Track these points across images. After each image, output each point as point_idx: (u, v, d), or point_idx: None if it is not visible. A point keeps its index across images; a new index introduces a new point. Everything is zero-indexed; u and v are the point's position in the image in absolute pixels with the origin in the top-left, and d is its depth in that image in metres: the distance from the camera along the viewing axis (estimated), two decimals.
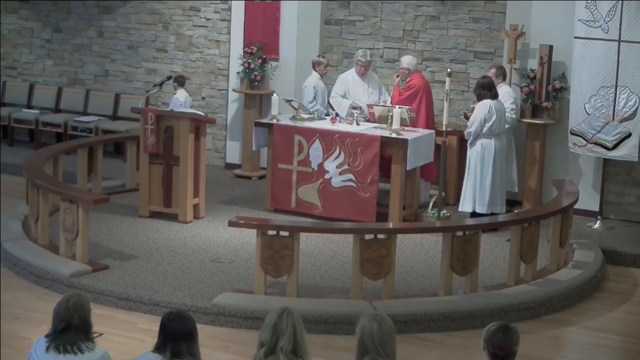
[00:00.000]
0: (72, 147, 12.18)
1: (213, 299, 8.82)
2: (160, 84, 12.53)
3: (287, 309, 4.94)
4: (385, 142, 11.09)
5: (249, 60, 13.40)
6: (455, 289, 9.18)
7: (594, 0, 11.20)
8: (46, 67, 15.39)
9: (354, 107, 11.76)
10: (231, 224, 9.15)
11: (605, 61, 11.23)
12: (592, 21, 11.26)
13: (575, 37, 11.43)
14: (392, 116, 11.20)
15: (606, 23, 11.16)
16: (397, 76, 12.08)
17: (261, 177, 13.04)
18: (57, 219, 10.09)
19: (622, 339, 8.87)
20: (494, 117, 10.90)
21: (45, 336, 5.17)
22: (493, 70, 11.72)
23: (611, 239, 11.24)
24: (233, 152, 13.96)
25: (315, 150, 11.37)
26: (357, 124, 11.56)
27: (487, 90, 10.98)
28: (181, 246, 10.36)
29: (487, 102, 10.94)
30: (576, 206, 10.33)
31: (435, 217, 11.29)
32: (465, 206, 11.07)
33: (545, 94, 11.88)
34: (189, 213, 11.13)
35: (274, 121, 11.68)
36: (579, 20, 11.35)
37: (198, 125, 11.20)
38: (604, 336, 8.80)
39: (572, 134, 11.58)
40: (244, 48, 13.52)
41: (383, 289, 8.96)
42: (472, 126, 10.98)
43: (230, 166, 13.90)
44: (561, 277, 9.73)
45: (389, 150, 11.12)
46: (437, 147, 11.66)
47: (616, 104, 11.25)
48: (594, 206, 11.78)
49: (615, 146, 11.33)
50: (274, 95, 12.04)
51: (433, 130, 11.62)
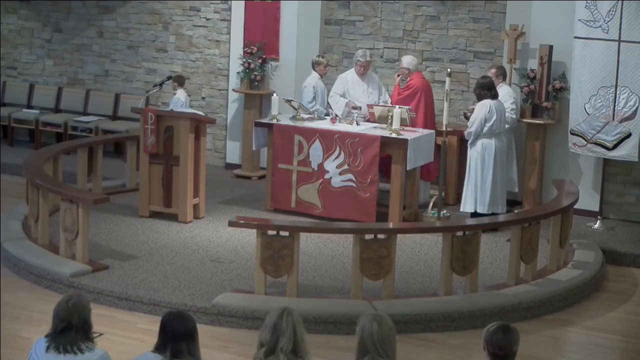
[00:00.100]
0: (72, 147, 12.18)
1: (213, 299, 8.82)
2: (160, 84, 12.54)
3: (287, 309, 4.93)
4: (385, 142, 11.08)
5: (249, 60, 13.39)
6: (455, 289, 9.18)
7: (594, 0, 11.21)
8: (46, 67, 15.38)
9: (354, 107, 11.76)
10: (231, 224, 9.15)
11: (605, 61, 11.23)
12: (592, 21, 11.26)
13: (575, 37, 11.44)
14: (392, 116, 11.20)
15: (606, 23, 11.16)
16: (398, 75, 12.08)
17: (261, 177, 13.04)
18: (57, 219, 10.09)
19: (622, 339, 8.87)
20: (494, 117, 10.90)
21: (45, 336, 5.17)
22: (493, 70, 11.72)
23: (611, 239, 11.24)
24: (233, 152, 13.96)
25: (315, 150, 11.37)
26: (357, 124, 11.56)
27: (487, 90, 10.98)
28: (181, 246, 10.35)
29: (487, 102, 10.94)
30: (576, 206, 10.33)
31: (435, 217, 11.28)
32: (467, 207, 11.06)
33: (545, 94, 11.88)
34: (189, 213, 11.13)
35: (274, 121, 11.68)
36: (579, 20, 11.35)
37: (198, 125, 11.20)
38: (604, 336, 8.79)
39: (572, 134, 11.58)
40: (244, 48, 13.52)
41: (383, 289, 8.95)
42: (472, 126, 10.98)
43: (230, 166, 13.89)
44: (561, 277, 9.73)
45: (389, 150, 11.11)
46: (437, 147, 11.67)
47: (616, 104, 11.25)
48: (594, 206, 11.78)
49: (615, 146, 11.33)
50: (274, 95, 12.03)
51: (433, 131, 11.61)
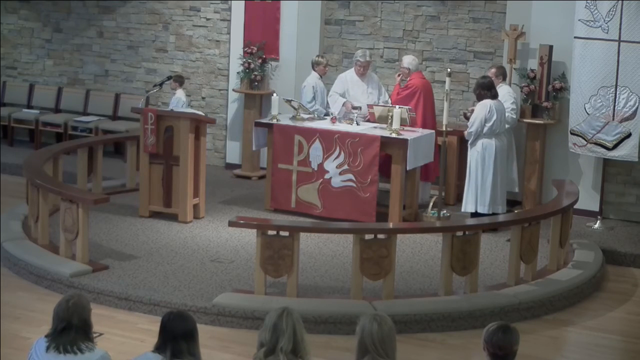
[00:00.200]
0: (72, 147, 12.18)
1: (213, 299, 8.82)
2: (160, 84, 12.54)
3: (286, 309, 4.93)
4: (385, 142, 11.08)
5: (249, 60, 13.39)
6: (455, 289, 9.18)
7: (594, 0, 11.21)
8: (46, 67, 15.38)
9: (354, 107, 11.76)
10: (231, 224, 9.15)
11: (605, 61, 11.23)
12: (592, 21, 11.26)
13: (575, 37, 11.44)
14: (392, 116, 11.20)
15: (606, 23, 11.16)
16: (399, 75, 12.08)
17: (261, 177, 13.04)
18: (57, 219, 10.08)
19: (622, 339, 8.87)
20: (495, 117, 10.90)
21: (46, 336, 5.17)
22: (493, 70, 11.72)
23: (611, 239, 11.23)
24: (233, 152, 13.96)
25: (315, 150, 11.37)
26: (357, 124, 11.56)
27: (487, 90, 10.98)
28: (181, 246, 10.35)
29: (488, 102, 10.93)
30: (576, 206, 10.33)
31: (435, 217, 11.28)
32: (468, 207, 11.05)
33: (545, 94, 11.88)
34: (189, 213, 11.13)
35: (274, 121, 11.68)
36: (579, 20, 11.35)
37: (198, 125, 11.20)
38: (604, 336, 8.79)
39: (572, 134, 11.58)
40: (244, 48, 13.52)
41: (383, 289, 8.95)
42: (472, 126, 10.98)
43: (230, 166, 13.89)
44: (561, 277, 9.73)
45: (389, 150, 11.11)
46: (437, 147, 11.66)
47: (616, 104, 11.25)
48: (594, 206, 11.78)
49: (615, 146, 11.33)
50: (274, 95, 12.03)
51: (433, 131, 11.61)
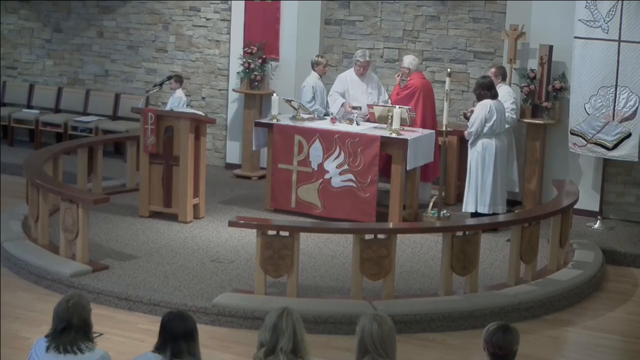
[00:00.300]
0: (72, 147, 12.18)
1: (213, 299, 8.82)
2: (160, 84, 12.54)
3: (286, 309, 4.93)
4: (385, 142, 11.08)
5: (249, 60, 13.39)
6: (455, 289, 9.18)
7: (594, 0, 11.21)
8: (46, 67, 15.38)
9: (353, 107, 11.75)
10: (231, 224, 9.15)
11: (605, 61, 11.23)
12: (592, 21, 11.26)
13: (575, 37, 11.43)
14: (392, 116, 11.20)
15: (606, 23, 11.16)
16: (398, 75, 12.08)
17: (261, 177, 13.04)
18: (57, 219, 10.08)
19: (622, 339, 8.87)
20: (495, 117, 10.89)
21: (45, 336, 5.17)
22: (492, 69, 11.71)
23: (611, 239, 11.23)
24: (233, 152, 13.96)
25: (315, 150, 11.37)
26: (357, 124, 11.55)
27: (487, 90, 10.97)
28: (181, 246, 10.35)
29: (488, 102, 10.93)
30: (576, 206, 10.33)
31: (435, 217, 11.28)
32: (468, 207, 11.04)
33: (545, 94, 11.88)
34: (189, 213, 11.13)
35: (274, 121, 11.68)
36: (579, 20, 11.35)
37: (198, 125, 11.20)
38: (604, 336, 8.79)
39: (572, 134, 11.58)
40: (244, 48, 13.52)
41: (383, 289, 8.95)
42: (472, 126, 10.97)
43: (230, 166, 13.89)
44: (561, 277, 9.73)
45: (389, 150, 11.11)
46: (437, 147, 11.66)
47: (616, 104, 11.25)
48: (594, 206, 11.78)
49: (615, 146, 11.33)
50: (274, 95, 12.03)
51: (433, 131, 11.60)
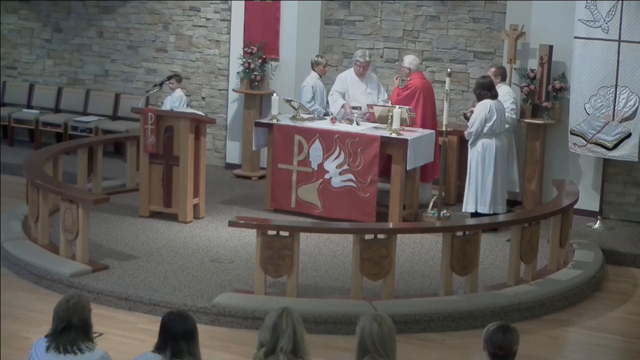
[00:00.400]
0: (72, 147, 12.18)
1: (213, 299, 8.82)
2: (160, 84, 12.54)
3: (286, 309, 4.93)
4: (385, 142, 11.08)
5: (249, 60, 13.39)
6: (455, 289, 9.18)
7: (594, 0, 11.20)
8: (46, 67, 15.38)
9: (353, 107, 11.75)
10: (231, 224, 9.15)
11: (605, 61, 11.23)
12: (592, 21, 11.26)
13: (575, 37, 11.44)
14: (392, 116, 11.20)
15: (606, 23, 11.16)
16: (397, 78, 12.07)
17: (261, 177, 13.04)
18: (57, 219, 10.08)
19: (622, 339, 8.87)
20: (495, 117, 10.89)
21: (46, 336, 5.17)
22: (492, 69, 11.71)
23: (611, 239, 11.23)
24: (233, 152, 13.96)
25: (315, 150, 11.37)
26: (357, 124, 11.55)
27: (487, 90, 10.97)
28: (181, 246, 10.35)
29: (488, 102, 10.93)
30: (576, 206, 10.33)
31: (435, 217, 11.28)
32: (468, 207, 11.04)
33: (545, 94, 11.88)
34: (189, 213, 11.13)
35: (274, 121, 11.68)
36: (579, 20, 11.35)
37: (198, 125, 11.20)
38: (604, 336, 8.79)
39: (572, 134, 11.58)
40: (244, 48, 13.52)
41: (383, 289, 8.95)
42: (472, 126, 10.97)
43: (230, 166, 13.89)
44: (561, 277, 9.73)
45: (389, 150, 11.11)
46: (437, 147, 11.65)
47: (616, 104, 11.25)
48: (594, 206, 11.78)
49: (615, 146, 11.33)
50: (274, 95, 12.03)
51: (433, 131, 11.60)
